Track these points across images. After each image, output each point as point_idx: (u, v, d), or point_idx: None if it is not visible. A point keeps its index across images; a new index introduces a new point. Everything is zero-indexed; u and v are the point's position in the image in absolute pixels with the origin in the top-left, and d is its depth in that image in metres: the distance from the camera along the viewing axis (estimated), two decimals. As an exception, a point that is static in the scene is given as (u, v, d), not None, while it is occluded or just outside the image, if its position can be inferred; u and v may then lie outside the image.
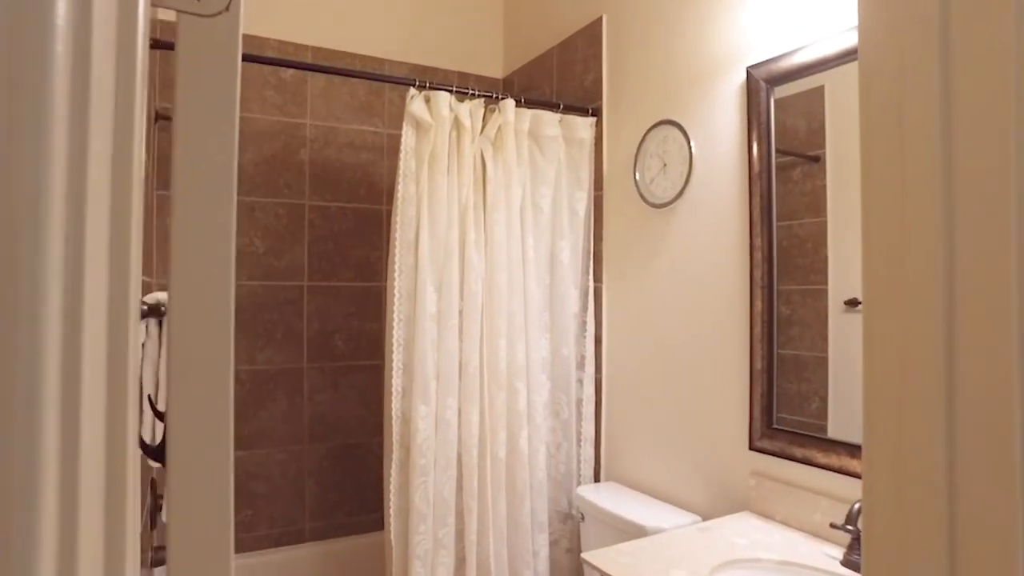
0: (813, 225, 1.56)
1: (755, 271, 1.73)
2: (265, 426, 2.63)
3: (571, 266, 2.32)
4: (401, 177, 2.06)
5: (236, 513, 2.48)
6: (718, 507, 1.88)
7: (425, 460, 1.99)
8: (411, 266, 2.06)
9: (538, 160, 2.30)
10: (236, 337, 2.56)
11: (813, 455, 1.57)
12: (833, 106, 1.53)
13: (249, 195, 2.60)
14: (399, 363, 2.03)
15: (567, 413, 2.31)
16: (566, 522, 2.33)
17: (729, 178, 1.85)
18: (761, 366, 1.72)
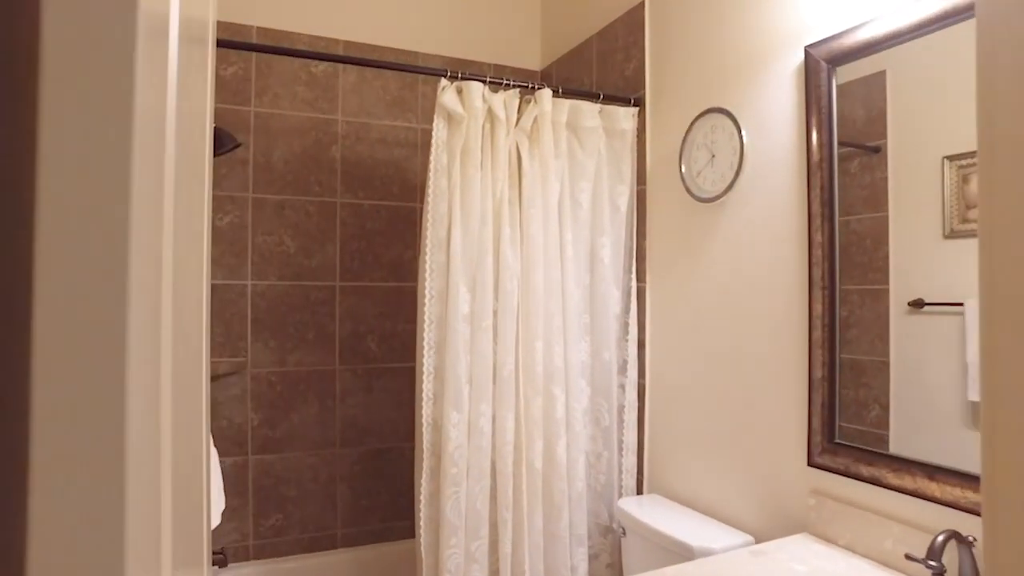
0: (872, 220, 1.43)
1: (814, 270, 1.58)
2: (296, 429, 2.57)
3: (612, 264, 2.20)
4: (432, 172, 1.97)
5: (266, 518, 2.43)
6: (773, 527, 1.73)
7: (457, 469, 1.89)
8: (443, 265, 1.96)
9: (577, 153, 2.17)
10: (265, 338, 2.55)
11: (882, 475, 1.42)
12: (896, 92, 1.38)
13: (279, 193, 2.55)
14: (430, 367, 1.94)
15: (608, 420, 2.19)
16: (606, 536, 2.20)
17: (785, 169, 1.70)
18: (821, 374, 1.56)
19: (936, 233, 1.28)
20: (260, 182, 2.52)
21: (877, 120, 1.42)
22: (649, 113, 2.23)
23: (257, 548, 2.51)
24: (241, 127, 2.48)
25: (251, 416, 2.50)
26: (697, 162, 1.99)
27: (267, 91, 2.53)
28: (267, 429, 2.53)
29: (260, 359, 2.52)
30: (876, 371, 1.42)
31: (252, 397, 2.50)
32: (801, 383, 1.65)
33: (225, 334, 2.46)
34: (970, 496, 1.25)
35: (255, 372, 2.51)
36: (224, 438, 2.46)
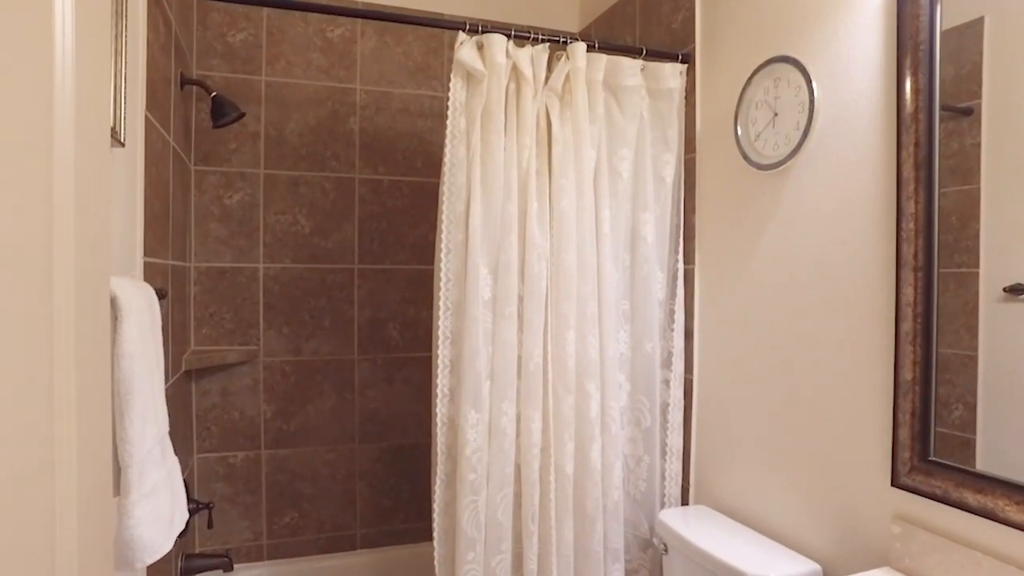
0: (959, 194, 1.21)
1: (903, 247, 1.29)
2: (312, 422, 2.40)
3: (656, 244, 1.92)
4: (449, 138, 1.74)
5: (281, 516, 2.28)
6: (845, 556, 1.45)
7: (475, 475, 1.67)
8: (460, 244, 1.73)
9: (616, 116, 1.90)
10: (279, 325, 2.37)
11: (998, 507, 1.13)
12: (996, 42, 1.15)
13: (293, 169, 2.36)
14: (445, 359, 1.72)
15: (649, 421, 1.93)
16: (646, 550, 1.95)
17: (866, 126, 1.40)
18: (912, 376, 1.27)
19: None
20: (272, 157, 2.33)
21: (970, 77, 1.20)
22: (700, 70, 1.94)
23: (271, 548, 2.35)
24: (252, 97, 2.30)
25: (264, 408, 2.34)
26: (756, 123, 1.70)
27: (279, 58, 2.33)
28: (281, 422, 2.36)
29: (273, 347, 2.35)
30: (961, 367, 1.22)
31: (265, 388, 2.34)
32: (885, 386, 1.36)
33: (235, 320, 2.30)
34: (1120, 539, 0.96)
35: (268, 361, 2.34)
36: (236, 431, 2.30)
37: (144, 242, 1.46)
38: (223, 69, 2.26)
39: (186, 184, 2.16)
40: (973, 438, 1.20)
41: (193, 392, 2.25)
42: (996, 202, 1.16)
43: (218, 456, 2.28)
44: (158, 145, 1.63)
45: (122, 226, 1.28)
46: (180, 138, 2.01)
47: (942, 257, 1.25)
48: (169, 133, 1.79)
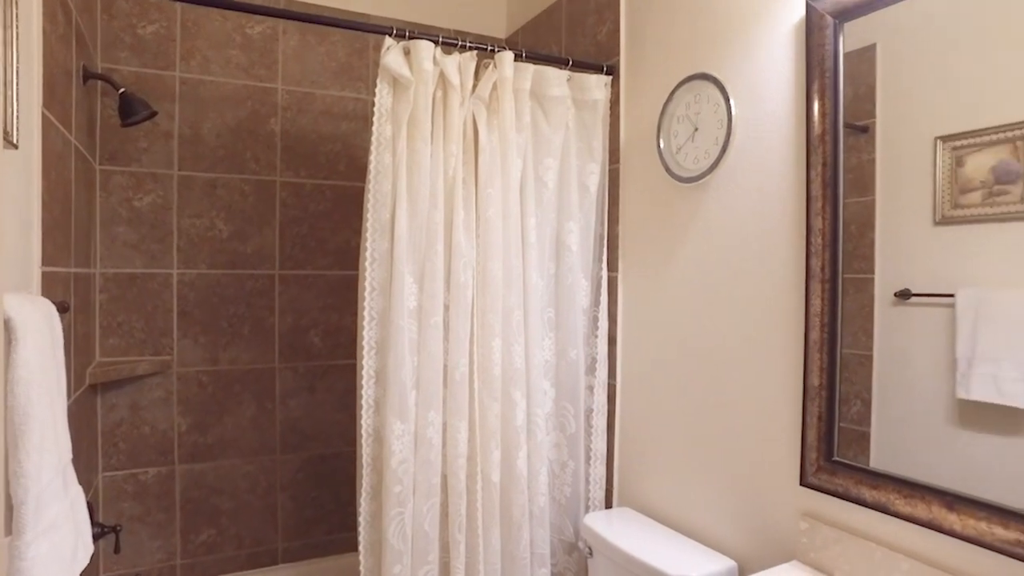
0: (858, 205, 1.30)
1: (812, 261, 1.36)
2: (230, 435, 2.31)
3: (581, 252, 1.96)
4: (374, 145, 1.71)
5: (197, 533, 2.18)
6: (758, 551, 1.52)
7: (401, 487, 1.65)
8: (386, 253, 1.70)
9: (542, 126, 1.92)
10: (194, 333, 2.26)
11: (890, 500, 1.21)
12: (887, 67, 1.25)
13: (210, 170, 2.26)
14: (371, 370, 1.69)
15: (574, 426, 1.96)
16: (572, 554, 1.98)
17: (780, 144, 1.47)
18: (820, 382, 1.35)
19: (926, 219, 1.18)
20: (187, 158, 2.23)
21: (865, 98, 1.29)
22: (624, 82, 1.99)
23: (185, 568, 2.24)
24: (165, 94, 2.19)
25: (178, 421, 2.23)
26: (678, 136, 1.75)
27: (195, 54, 2.23)
28: (197, 435, 2.26)
29: (188, 357, 2.24)
30: (859, 365, 1.30)
31: (179, 400, 2.23)
32: (795, 390, 1.43)
33: (146, 330, 2.18)
34: (999, 533, 1.05)
35: (182, 372, 2.23)
36: (147, 446, 2.18)
37: (43, 250, 1.37)
38: (132, 63, 2.14)
39: (91, 185, 2.03)
40: (868, 432, 1.28)
41: (99, 407, 2.12)
42: (888, 213, 1.25)
43: (126, 474, 2.16)
44: (58, 144, 1.52)
45: (16, 236, 1.19)
46: (83, 136, 1.89)
47: (843, 264, 1.33)
48: (71, 131, 1.68)
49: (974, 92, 1.11)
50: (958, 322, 1.13)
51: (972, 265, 1.11)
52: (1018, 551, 1.02)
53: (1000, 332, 1.07)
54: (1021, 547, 1.02)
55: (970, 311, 1.11)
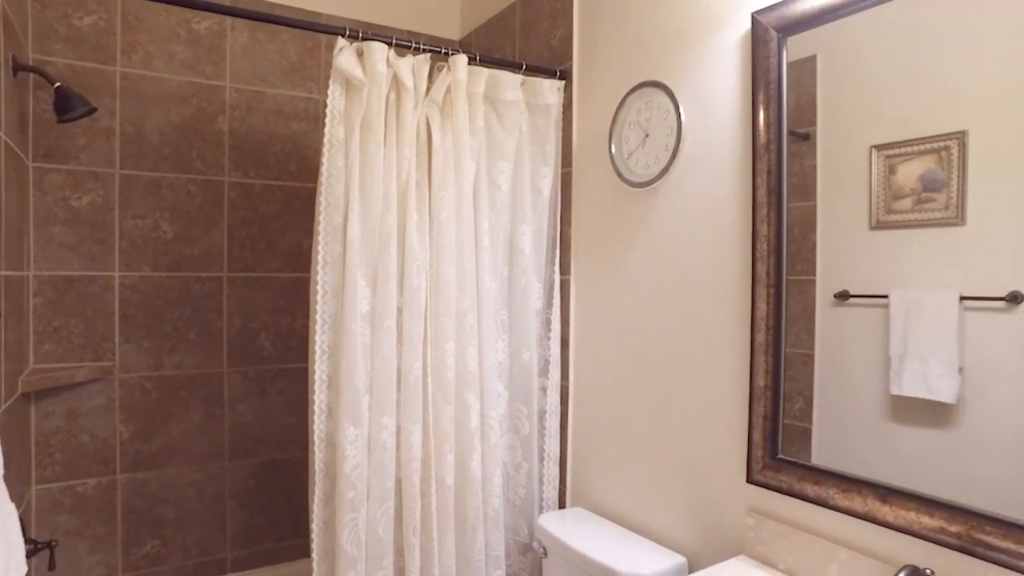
0: (801, 210, 1.35)
1: (758, 265, 1.41)
2: (176, 442, 2.24)
3: (534, 255, 1.98)
4: (327, 147, 1.68)
5: (139, 545, 2.11)
6: (707, 547, 1.56)
7: (355, 493, 1.63)
8: (338, 256, 1.68)
9: (496, 129, 1.93)
10: (138, 338, 2.18)
11: (829, 495, 1.26)
12: (825, 78, 1.30)
13: (154, 170, 2.19)
14: (323, 374, 1.67)
15: (528, 428, 1.98)
16: (526, 554, 2.00)
17: (727, 152, 1.52)
18: (764, 383, 1.40)
19: (863, 224, 1.24)
20: (130, 156, 2.15)
21: (807, 107, 1.34)
22: (577, 87, 2.01)
23: (128, 580, 2.17)
24: (105, 89, 2.11)
25: (120, 429, 2.15)
26: (629, 142, 1.79)
27: (137, 48, 2.16)
28: (140, 443, 2.18)
29: (131, 362, 2.17)
30: (801, 364, 1.35)
31: (121, 407, 2.15)
32: (742, 391, 1.48)
33: (86, 335, 2.10)
34: (925, 522, 1.11)
35: (125, 378, 2.16)
36: (85, 456, 2.10)
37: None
38: (68, 56, 2.06)
39: (22, 183, 1.94)
40: (810, 428, 1.34)
41: (32, 416, 2.03)
42: (828, 217, 1.30)
43: (63, 486, 2.07)
44: (-13, 141, 1.45)
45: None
46: (14, 131, 1.80)
47: (786, 267, 1.38)
48: (9, 124, 1.60)
49: (904, 104, 1.17)
50: (891, 322, 1.18)
51: (904, 268, 1.17)
52: (941, 538, 1.09)
53: (928, 331, 1.13)
54: (944, 534, 1.08)
55: (902, 311, 1.17)
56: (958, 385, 1.09)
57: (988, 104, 1.05)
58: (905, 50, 1.17)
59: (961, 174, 1.09)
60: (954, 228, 1.09)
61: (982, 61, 1.06)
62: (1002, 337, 1.03)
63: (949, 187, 1.10)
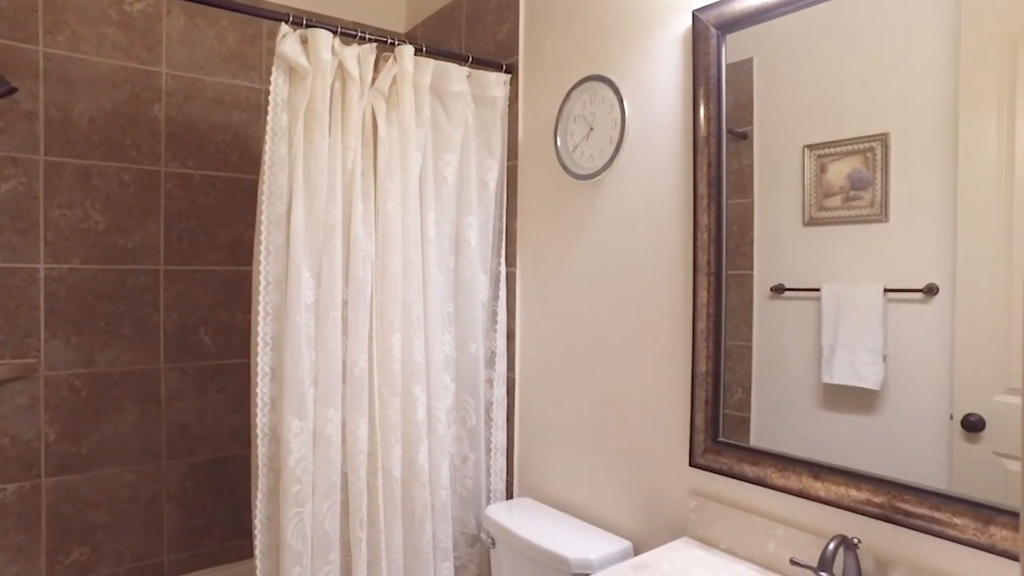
0: (739, 207, 1.40)
1: (699, 254, 1.45)
2: (108, 442, 2.15)
3: (480, 247, 1.98)
4: (269, 136, 1.65)
5: (66, 553, 2.02)
6: (652, 531, 1.60)
7: (300, 487, 1.60)
8: (281, 246, 1.65)
9: (442, 121, 1.93)
10: (66, 334, 2.08)
11: (767, 475, 1.32)
12: (761, 80, 1.35)
13: (84, 157, 2.09)
14: (266, 367, 1.63)
15: (474, 419, 1.98)
16: (474, 545, 2.01)
17: (669, 145, 1.56)
18: (706, 368, 1.44)
19: (796, 220, 1.29)
20: (56, 142, 2.05)
21: (745, 107, 1.39)
22: (523, 81, 2.03)
23: (56, 588, 2.07)
24: (26, 70, 2.00)
25: (45, 430, 2.05)
26: (574, 136, 1.81)
27: (62, 28, 2.05)
28: (68, 444, 2.08)
29: (58, 360, 2.06)
30: (740, 356, 1.40)
31: (47, 407, 2.05)
32: (684, 378, 1.52)
33: (6, 330, 1.99)
34: (853, 495, 1.17)
35: (51, 376, 2.06)
36: (4, 460, 1.99)
37: None
38: (-11, 37, 1.95)
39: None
40: (749, 416, 1.38)
41: (-49, 415, 1.91)
42: (765, 214, 1.35)
43: (-16, 489, 1.96)
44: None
45: None
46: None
47: (726, 261, 1.42)
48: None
49: (834, 106, 1.22)
50: (823, 314, 1.24)
51: (834, 262, 1.23)
52: (867, 508, 1.15)
53: (856, 322, 1.19)
54: (869, 504, 1.15)
55: (832, 304, 1.23)
56: (882, 372, 1.15)
57: (908, 107, 1.12)
58: (834, 53, 1.22)
59: (884, 174, 1.15)
60: (879, 224, 1.16)
61: (902, 66, 1.12)
62: (920, 326, 1.10)
63: (874, 186, 1.16)
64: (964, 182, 1.04)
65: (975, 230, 1.03)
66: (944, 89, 1.07)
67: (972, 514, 1.03)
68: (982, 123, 1.02)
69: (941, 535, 1.06)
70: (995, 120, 1.01)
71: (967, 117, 1.04)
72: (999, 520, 1.00)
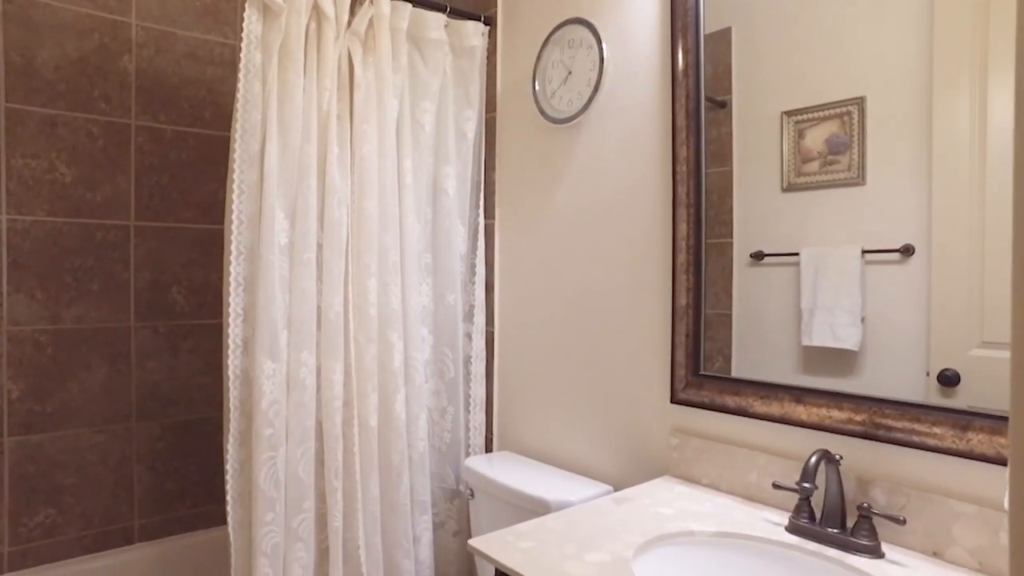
0: (719, 175, 1.39)
1: (679, 187, 1.44)
2: (75, 401, 2.09)
3: (458, 198, 1.95)
4: (243, 73, 1.60)
5: (31, 515, 1.95)
6: (634, 474, 1.58)
7: (273, 430, 1.56)
8: (255, 185, 1.61)
9: (419, 68, 1.90)
10: (30, 288, 2.00)
11: (749, 403, 1.30)
12: (740, 48, 1.35)
13: (48, 106, 2.03)
14: (238, 308, 1.59)
15: (453, 371, 1.95)
16: (453, 500, 1.98)
17: (648, 82, 1.54)
18: (686, 302, 1.43)
19: (775, 187, 1.29)
20: (18, 89, 1.99)
21: (724, 76, 1.38)
22: (501, 33, 2.00)
23: (16, 556, 2.00)
24: (-10, 18, 1.94)
25: (8, 387, 1.98)
26: (552, 81, 1.79)
27: (28, -24, 1.99)
28: (32, 403, 2.02)
29: (21, 315, 2.00)
30: (720, 324, 1.39)
31: (10, 363, 1.99)
32: (665, 315, 1.51)
33: (-31, 282, 1.92)
34: (835, 415, 1.16)
35: (14, 331, 1.99)
36: (-31, 414, 1.93)
37: None
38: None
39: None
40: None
41: (-92, 367, 1.84)
42: (744, 182, 1.34)
43: (-56, 440, 1.89)
44: None
45: None
46: None
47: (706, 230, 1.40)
48: None
49: (811, 72, 1.22)
50: (802, 277, 1.24)
51: (813, 226, 1.22)
52: (848, 427, 1.14)
53: (834, 284, 1.19)
54: (851, 423, 1.14)
55: (811, 267, 1.22)
56: (860, 333, 1.15)
57: (883, 71, 1.12)
58: (810, 19, 1.22)
59: (861, 137, 1.15)
60: (856, 188, 1.15)
61: (877, 29, 1.12)
62: (897, 286, 1.10)
63: (851, 150, 1.16)
64: (938, 143, 1.05)
65: (949, 190, 1.04)
66: (919, 52, 1.07)
67: (950, 422, 1.02)
68: (956, 84, 1.03)
69: (921, 446, 1.05)
70: (968, 81, 1.02)
71: (941, 79, 1.05)
72: (976, 425, 1.00)
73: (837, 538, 1.08)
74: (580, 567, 1.00)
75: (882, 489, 1.11)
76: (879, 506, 1.11)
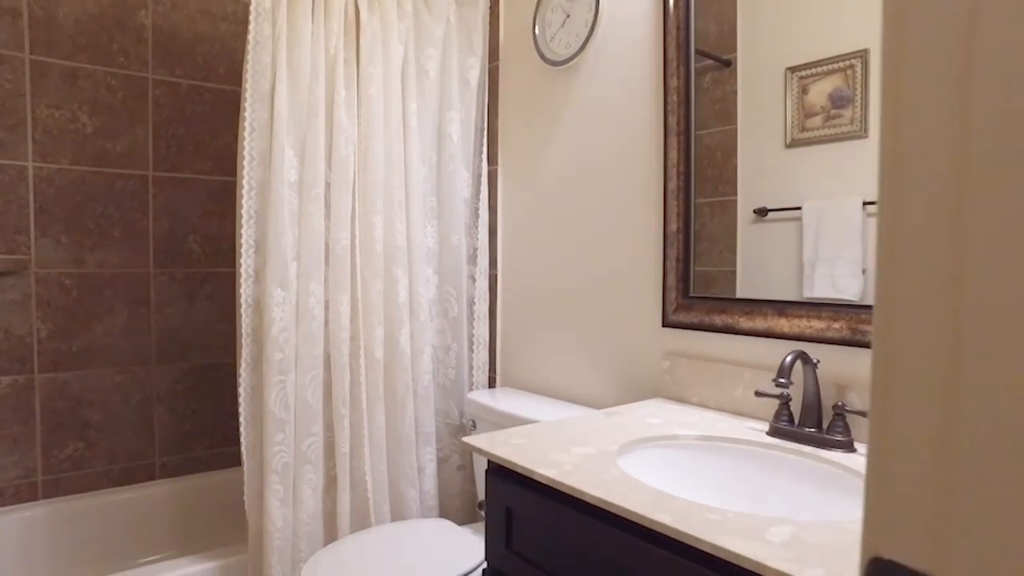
0: (722, 134, 1.41)
1: (669, 117, 1.48)
2: (99, 342, 2.19)
3: (462, 143, 2.01)
4: (253, 15, 1.67)
5: (61, 447, 2.06)
6: (627, 399, 1.64)
7: (283, 355, 1.65)
8: (265, 123, 1.68)
9: (423, 15, 1.95)
10: (56, 232, 2.10)
11: (735, 320, 1.35)
12: (744, 5, 1.36)
13: (70, 59, 2.12)
14: (250, 239, 1.67)
15: (456, 309, 2.02)
16: (457, 436, 2.05)
17: (640, 19, 1.58)
18: (676, 227, 1.48)
19: (779, 143, 1.30)
20: (41, 42, 2.07)
21: (728, 34, 1.40)
22: (504, -19, 2.05)
23: (49, 484, 2.11)
24: (14, -28, 2.02)
25: (37, 326, 2.09)
26: (551, 25, 1.84)
27: (50, -68, 2.07)
28: (60, 342, 2.13)
29: (48, 258, 2.10)
30: (725, 281, 1.41)
31: (39, 303, 2.09)
32: (656, 241, 1.56)
33: (-2, 225, 2.02)
34: (815, 325, 1.21)
35: (42, 273, 2.09)
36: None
37: None
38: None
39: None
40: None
41: (-57, 303, 1.95)
42: (748, 139, 1.36)
43: (-24, 374, 2.00)
44: None
45: None
46: None
47: (708, 189, 1.43)
48: None
49: (814, 27, 1.23)
50: (804, 231, 1.26)
51: (815, 181, 1.24)
52: (828, 335, 1.19)
53: (836, 236, 1.21)
54: (831, 331, 1.18)
55: (813, 220, 1.25)
56: (862, 284, 1.18)
57: None
58: None
59: (864, 90, 1.16)
60: (859, 140, 1.17)
61: None
62: None
63: (855, 103, 1.17)
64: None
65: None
66: None
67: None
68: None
69: (894, 346, 1.09)
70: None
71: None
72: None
73: (813, 436, 1.13)
74: (567, 457, 1.07)
75: (858, 392, 1.16)
76: (854, 407, 1.16)
